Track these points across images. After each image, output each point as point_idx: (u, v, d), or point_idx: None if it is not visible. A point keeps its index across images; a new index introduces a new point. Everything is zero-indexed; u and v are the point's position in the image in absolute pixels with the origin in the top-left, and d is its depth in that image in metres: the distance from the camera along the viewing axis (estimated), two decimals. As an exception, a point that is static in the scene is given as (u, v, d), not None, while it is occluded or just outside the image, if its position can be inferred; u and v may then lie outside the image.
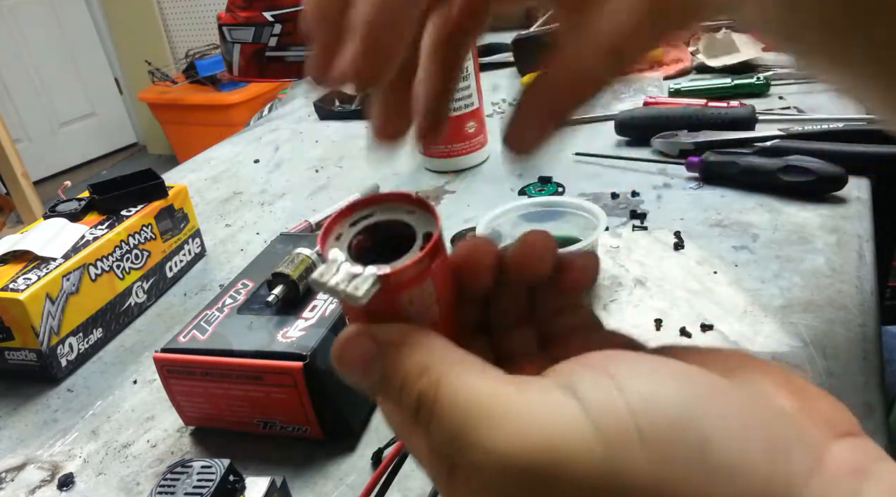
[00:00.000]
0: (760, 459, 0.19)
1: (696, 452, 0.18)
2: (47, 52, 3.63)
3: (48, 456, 0.49)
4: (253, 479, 0.38)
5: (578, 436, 0.19)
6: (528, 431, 0.19)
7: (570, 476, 0.19)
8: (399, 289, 0.22)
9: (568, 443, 0.19)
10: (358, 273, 0.21)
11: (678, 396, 0.19)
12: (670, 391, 0.19)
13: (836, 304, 0.50)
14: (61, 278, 0.55)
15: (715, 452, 0.18)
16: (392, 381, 0.22)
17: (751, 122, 0.76)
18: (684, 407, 0.19)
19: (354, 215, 0.24)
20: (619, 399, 0.19)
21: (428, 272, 0.22)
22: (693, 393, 0.19)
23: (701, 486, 0.18)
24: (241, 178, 0.92)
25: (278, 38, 1.33)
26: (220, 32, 1.40)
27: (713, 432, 0.19)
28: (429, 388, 0.21)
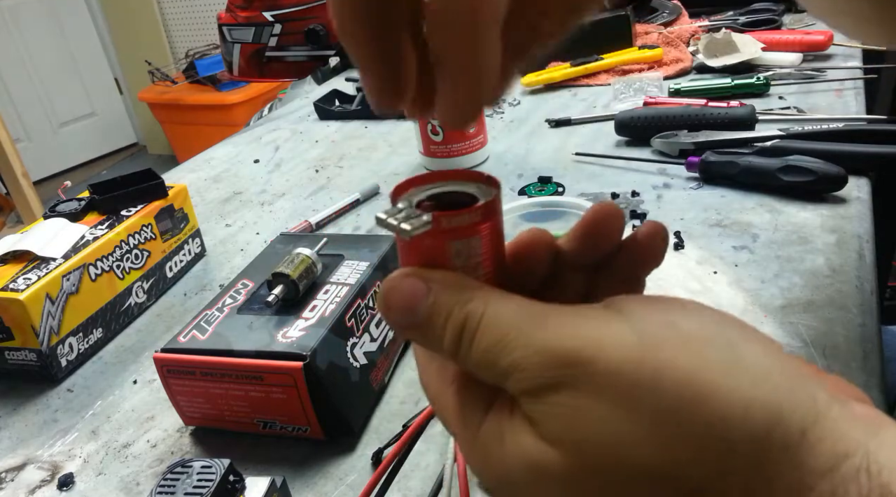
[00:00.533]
0: (783, 379, 0.20)
1: (728, 353, 0.20)
2: (47, 52, 3.63)
3: (48, 456, 0.49)
4: (253, 479, 0.38)
5: (618, 334, 0.20)
6: (574, 329, 0.21)
7: (606, 365, 0.20)
8: (447, 235, 0.23)
9: (605, 333, 0.20)
10: (415, 214, 0.23)
11: (713, 319, 0.22)
12: (707, 315, 0.22)
13: (836, 304, 0.50)
14: (61, 278, 0.55)
15: (745, 356, 0.20)
16: (438, 315, 0.23)
17: (751, 122, 0.76)
18: (719, 326, 0.21)
19: (426, 185, 0.26)
20: (660, 315, 0.21)
21: (477, 228, 0.23)
22: (729, 321, 0.22)
23: (733, 381, 0.20)
24: (241, 178, 0.92)
25: (278, 38, 1.34)
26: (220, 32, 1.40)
27: (744, 347, 0.21)
28: (476, 308, 0.22)
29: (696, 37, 1.08)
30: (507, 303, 0.22)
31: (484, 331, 0.22)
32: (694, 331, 0.21)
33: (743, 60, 0.94)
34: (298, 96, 1.29)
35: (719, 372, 0.20)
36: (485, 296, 0.23)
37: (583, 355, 0.20)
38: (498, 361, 0.21)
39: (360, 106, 1.07)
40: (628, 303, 0.22)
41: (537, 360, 0.20)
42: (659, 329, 0.21)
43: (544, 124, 0.91)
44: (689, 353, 0.20)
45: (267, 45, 1.34)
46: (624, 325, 0.21)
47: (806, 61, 0.94)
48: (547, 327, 0.21)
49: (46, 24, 3.62)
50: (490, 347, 0.21)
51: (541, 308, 0.22)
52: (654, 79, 0.94)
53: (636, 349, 0.20)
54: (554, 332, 0.21)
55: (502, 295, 0.23)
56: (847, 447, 0.19)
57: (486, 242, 0.24)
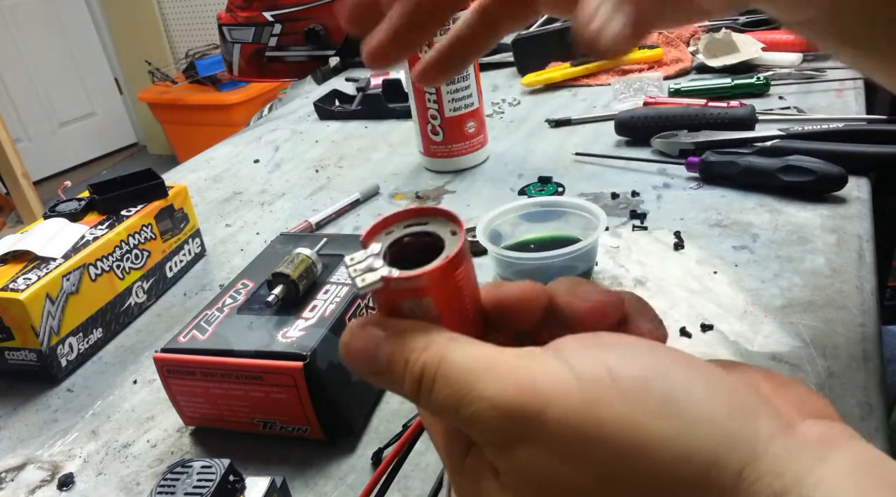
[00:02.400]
0: (724, 414, 0.21)
1: (665, 399, 0.21)
2: (47, 52, 3.63)
3: (48, 456, 0.49)
4: (253, 479, 0.38)
5: (561, 384, 0.21)
6: (519, 381, 0.22)
7: (554, 416, 0.21)
8: (397, 295, 0.24)
9: (552, 386, 0.21)
10: (374, 268, 0.24)
11: (651, 359, 0.22)
12: (645, 355, 0.22)
13: (836, 304, 0.50)
14: (61, 278, 0.55)
15: (681, 401, 0.21)
16: (396, 363, 0.24)
17: (751, 122, 0.76)
18: (656, 366, 0.22)
19: (405, 221, 0.26)
20: (600, 359, 0.22)
21: (424, 290, 0.24)
22: (666, 358, 0.22)
23: (669, 428, 0.20)
24: (241, 178, 0.92)
25: (278, 38, 1.34)
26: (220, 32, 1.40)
27: (682, 386, 0.21)
28: (432, 358, 0.23)
29: (696, 37, 1.08)
30: (460, 350, 0.23)
31: (440, 382, 0.23)
32: (633, 376, 0.21)
33: (743, 60, 0.94)
34: (298, 96, 1.29)
35: (658, 420, 0.20)
36: (440, 344, 0.23)
37: (532, 409, 0.21)
38: (457, 413, 0.22)
39: (360, 106, 1.07)
40: (568, 346, 0.23)
41: (493, 415, 0.22)
42: (599, 376, 0.21)
43: (544, 124, 0.91)
44: (628, 402, 0.21)
45: (267, 45, 1.34)
46: (567, 373, 0.22)
47: (806, 61, 0.94)
48: (497, 379, 0.22)
49: (46, 24, 3.62)
50: (448, 399, 0.23)
51: (490, 357, 0.23)
52: (654, 79, 0.94)
53: (579, 401, 0.21)
54: (503, 385, 0.22)
55: (455, 342, 0.24)
56: (784, 484, 0.19)
57: (442, 301, 0.24)
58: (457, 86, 0.78)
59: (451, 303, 0.25)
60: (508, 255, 0.54)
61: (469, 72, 0.78)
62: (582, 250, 0.52)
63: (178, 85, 3.46)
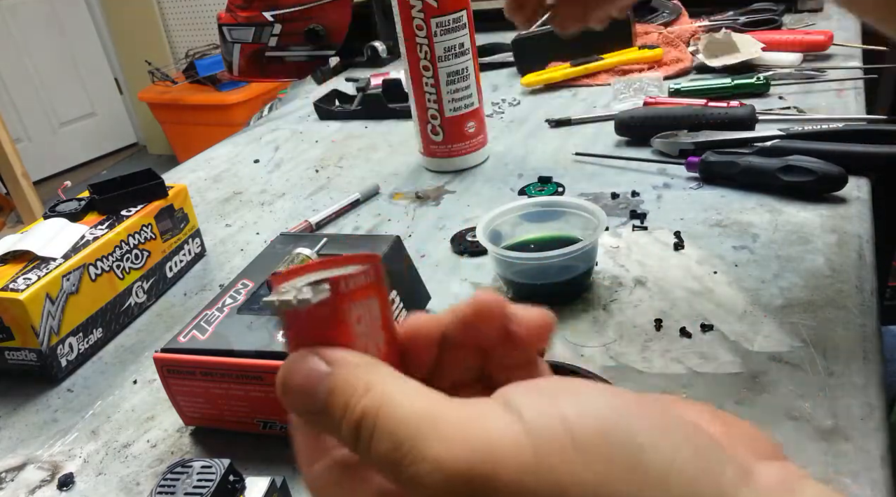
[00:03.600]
0: (691, 468, 0.19)
1: (630, 457, 0.19)
2: (47, 51, 3.63)
3: (48, 456, 0.49)
4: (253, 479, 0.38)
5: (512, 441, 0.19)
6: (466, 439, 0.20)
7: (506, 480, 0.19)
8: (347, 298, 0.23)
9: (502, 448, 0.19)
10: (310, 282, 0.22)
11: (610, 409, 0.20)
12: (602, 404, 0.20)
13: (836, 304, 0.50)
14: (61, 278, 0.55)
15: (648, 458, 0.19)
16: (337, 401, 0.22)
17: (751, 122, 0.76)
18: (616, 418, 0.20)
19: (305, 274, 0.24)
20: (553, 409, 0.20)
21: (375, 287, 0.23)
22: (624, 406, 0.20)
23: (636, 490, 0.19)
24: (241, 178, 0.92)
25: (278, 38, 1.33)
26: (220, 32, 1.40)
27: (645, 439, 0.20)
28: (372, 405, 0.21)
29: (696, 37, 1.08)
30: (404, 398, 0.21)
31: (381, 433, 0.21)
32: (591, 431, 0.20)
33: (743, 60, 0.94)
34: (298, 96, 1.29)
35: (623, 482, 0.19)
36: (382, 387, 0.22)
37: (481, 473, 0.19)
38: (398, 471, 0.21)
39: (360, 106, 1.07)
40: (517, 395, 0.21)
41: (438, 479, 0.20)
42: (554, 432, 0.20)
43: (544, 124, 0.91)
44: (588, 463, 0.19)
45: (267, 45, 1.34)
46: (517, 426, 0.20)
47: (806, 61, 0.94)
48: (442, 436, 0.20)
49: (46, 24, 3.62)
50: (388, 453, 0.21)
51: (434, 408, 0.21)
52: (654, 79, 0.94)
53: (532, 462, 0.19)
54: (449, 443, 0.20)
55: (399, 384, 0.22)
56: None
57: (384, 305, 0.24)
58: (457, 86, 0.78)
59: (390, 311, 0.24)
60: (508, 255, 0.54)
61: (469, 72, 0.78)
62: (582, 250, 0.52)
63: (178, 85, 3.46)
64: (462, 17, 0.75)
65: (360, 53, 1.30)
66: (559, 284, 0.55)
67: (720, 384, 0.45)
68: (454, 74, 0.77)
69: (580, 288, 0.56)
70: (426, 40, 0.75)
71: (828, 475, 0.37)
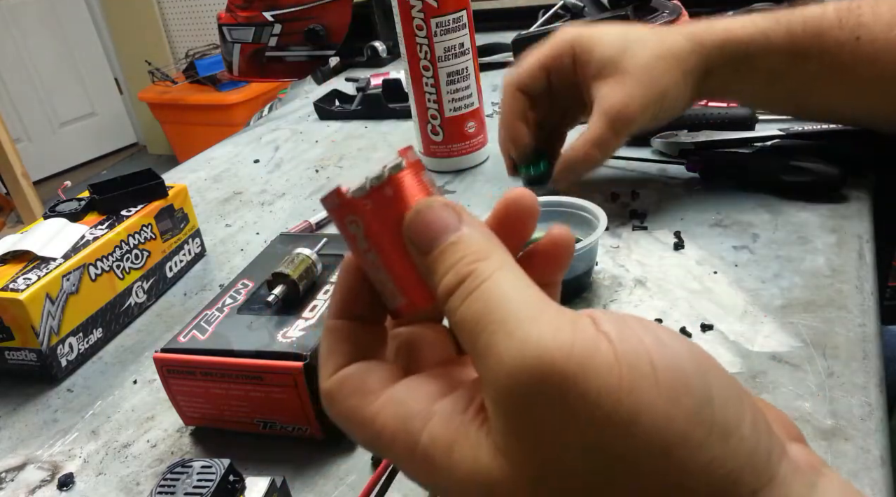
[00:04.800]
0: (749, 431, 0.20)
1: (702, 403, 0.20)
2: (47, 51, 3.63)
3: (48, 456, 0.49)
4: (253, 479, 0.38)
5: (602, 357, 0.20)
6: (557, 336, 0.20)
7: (589, 390, 0.19)
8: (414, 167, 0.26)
9: (592, 358, 0.20)
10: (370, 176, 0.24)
11: (689, 354, 0.21)
12: (685, 352, 0.21)
13: (836, 304, 0.50)
14: (61, 278, 0.55)
15: (716, 410, 0.20)
16: (451, 254, 0.23)
17: (751, 122, 0.76)
18: (694, 364, 0.21)
19: None
20: (640, 345, 0.21)
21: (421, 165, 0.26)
22: (702, 357, 0.21)
23: (701, 435, 0.20)
24: (241, 178, 0.92)
25: (278, 38, 1.33)
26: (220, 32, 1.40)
27: (716, 393, 0.20)
28: (485, 269, 0.22)
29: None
30: (512, 278, 0.22)
31: (477, 297, 0.22)
32: (674, 371, 0.20)
33: (743, 60, 0.94)
34: (298, 96, 1.29)
35: (692, 423, 0.20)
36: (497, 260, 0.23)
37: (565, 369, 0.20)
38: (478, 338, 0.21)
39: (359, 106, 1.07)
40: (606, 321, 0.22)
41: (515, 359, 0.20)
42: (640, 363, 0.20)
43: (544, 124, 0.91)
44: (666, 398, 0.20)
45: (267, 45, 1.34)
46: (608, 350, 0.20)
47: (806, 61, 0.94)
48: (538, 322, 0.21)
49: (46, 24, 3.62)
50: (475, 317, 0.21)
51: (536, 300, 0.22)
52: (654, 79, 0.94)
53: (616, 384, 0.20)
54: (541, 331, 0.20)
55: (511, 266, 0.23)
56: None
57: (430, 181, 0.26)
58: (457, 86, 0.78)
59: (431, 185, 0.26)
60: (508, 255, 0.54)
61: (469, 72, 0.78)
62: (582, 250, 0.52)
63: (178, 85, 3.46)
64: (462, 17, 0.75)
65: (360, 53, 1.30)
66: (559, 284, 0.55)
67: (720, 384, 0.45)
68: (454, 74, 0.77)
69: (580, 288, 0.56)
70: (426, 40, 0.75)
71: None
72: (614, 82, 0.59)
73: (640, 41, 0.60)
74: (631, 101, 0.58)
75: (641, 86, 0.58)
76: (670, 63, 0.59)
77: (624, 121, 0.59)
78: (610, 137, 0.59)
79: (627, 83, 0.58)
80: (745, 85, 0.61)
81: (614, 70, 0.59)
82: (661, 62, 0.59)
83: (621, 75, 0.59)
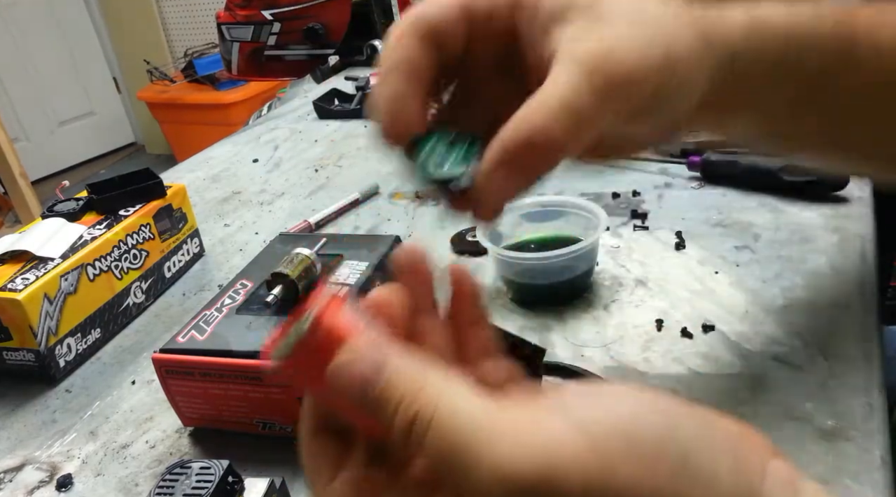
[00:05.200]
0: (728, 470, 0.21)
1: (678, 463, 0.21)
2: (46, 51, 3.62)
3: (47, 457, 0.49)
4: (252, 480, 0.37)
5: (573, 448, 0.20)
6: (527, 445, 0.21)
7: (568, 485, 0.20)
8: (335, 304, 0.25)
9: (565, 454, 0.20)
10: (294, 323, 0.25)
11: (660, 415, 0.22)
12: (654, 410, 0.22)
13: (837, 305, 0.50)
14: (59, 278, 0.55)
15: (693, 463, 0.21)
16: (388, 401, 0.23)
17: (751, 122, 0.76)
18: (664, 424, 0.21)
19: None
20: (609, 415, 0.21)
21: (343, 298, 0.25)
22: (670, 411, 0.22)
23: (685, 490, 0.20)
24: (239, 178, 0.92)
25: (277, 36, 1.33)
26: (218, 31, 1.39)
27: (692, 445, 0.21)
28: (428, 403, 0.22)
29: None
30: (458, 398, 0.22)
31: (434, 434, 0.22)
32: (650, 440, 0.21)
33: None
34: (297, 95, 1.29)
35: (675, 483, 0.20)
36: (433, 385, 0.22)
37: (547, 482, 0.20)
38: (450, 473, 0.21)
39: (359, 105, 1.07)
40: (574, 402, 0.22)
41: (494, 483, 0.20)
42: (615, 442, 0.21)
43: (544, 124, 0.91)
44: (645, 467, 0.20)
45: (266, 43, 1.34)
46: (580, 438, 0.21)
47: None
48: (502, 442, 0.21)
49: (45, 23, 3.61)
50: (442, 455, 0.21)
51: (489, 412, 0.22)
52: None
53: (597, 471, 0.20)
54: (508, 449, 0.21)
55: (453, 383, 0.23)
56: None
57: None
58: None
59: None
60: (509, 255, 0.54)
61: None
62: (582, 250, 0.52)
63: (176, 84, 3.46)
64: (462, 16, 0.75)
65: (360, 52, 1.30)
66: (560, 284, 0.55)
67: (721, 385, 0.45)
68: (454, 73, 0.77)
69: (581, 288, 0.56)
70: (426, 39, 0.75)
71: (829, 476, 0.37)
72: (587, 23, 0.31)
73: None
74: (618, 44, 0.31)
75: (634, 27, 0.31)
76: (680, 18, 0.33)
77: (611, 73, 0.30)
78: (590, 102, 0.30)
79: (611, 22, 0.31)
80: (772, 97, 0.37)
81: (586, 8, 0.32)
82: (663, 9, 0.33)
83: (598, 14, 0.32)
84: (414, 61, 0.33)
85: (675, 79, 0.32)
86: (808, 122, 0.40)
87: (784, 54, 0.36)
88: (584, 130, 0.30)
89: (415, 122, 0.33)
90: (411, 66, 0.33)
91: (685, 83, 0.33)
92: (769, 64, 0.36)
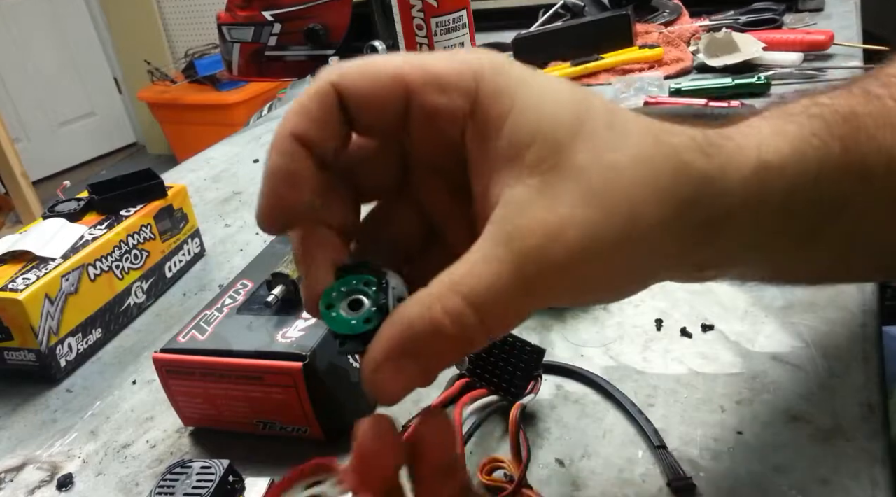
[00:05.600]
0: None
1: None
2: (47, 51, 3.63)
3: (47, 456, 0.49)
4: (252, 480, 0.38)
5: None
6: None
7: None
8: None
9: None
10: None
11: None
12: None
13: (837, 305, 0.50)
14: (60, 278, 0.55)
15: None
16: None
17: (751, 122, 0.76)
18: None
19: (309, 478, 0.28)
20: None
21: None
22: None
23: None
24: (240, 178, 0.92)
25: (277, 37, 1.33)
26: (219, 32, 1.39)
27: None
28: None
29: (696, 36, 1.08)
30: None
31: None
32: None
33: (744, 60, 0.94)
34: (298, 96, 1.29)
35: None
36: None
37: None
38: None
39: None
40: None
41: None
42: None
43: (544, 124, 0.91)
44: None
45: (266, 44, 1.34)
46: None
47: (807, 61, 0.94)
48: None
49: (46, 23, 3.62)
50: None
51: None
52: (655, 78, 0.94)
53: None
54: None
55: None
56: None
57: None
58: (457, 85, 0.78)
59: None
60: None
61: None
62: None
63: (177, 84, 3.46)
64: (462, 17, 0.75)
65: (360, 53, 1.30)
66: (559, 284, 0.54)
67: (721, 384, 0.45)
68: (454, 74, 0.77)
69: (580, 288, 0.56)
70: (426, 40, 0.75)
71: (829, 476, 0.37)
72: (541, 183, 0.26)
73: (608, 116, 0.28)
74: (570, 221, 0.25)
75: (596, 197, 0.26)
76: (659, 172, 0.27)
77: (549, 264, 0.25)
78: (515, 296, 0.25)
79: (569, 188, 0.26)
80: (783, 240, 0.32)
81: (550, 156, 0.26)
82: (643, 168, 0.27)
83: (560, 170, 0.26)
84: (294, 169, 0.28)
85: (639, 251, 0.27)
86: (819, 257, 0.34)
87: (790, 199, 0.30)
88: (501, 325, 0.26)
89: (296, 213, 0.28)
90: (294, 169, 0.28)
91: (656, 251, 0.27)
92: (769, 216, 0.30)
